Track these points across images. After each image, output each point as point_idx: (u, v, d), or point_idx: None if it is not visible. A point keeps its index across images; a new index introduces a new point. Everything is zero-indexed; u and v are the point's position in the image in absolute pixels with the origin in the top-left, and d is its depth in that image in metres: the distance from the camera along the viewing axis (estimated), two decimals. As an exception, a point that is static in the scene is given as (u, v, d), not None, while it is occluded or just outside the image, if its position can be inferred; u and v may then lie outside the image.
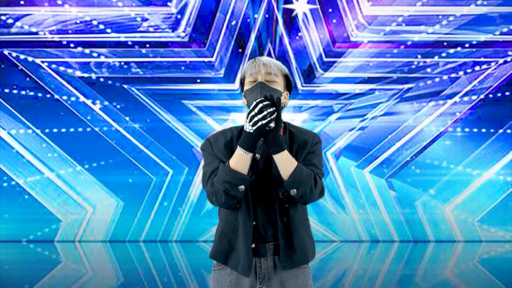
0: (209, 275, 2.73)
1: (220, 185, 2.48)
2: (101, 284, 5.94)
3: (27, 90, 7.89)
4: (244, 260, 2.55)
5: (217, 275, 2.63)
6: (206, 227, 7.96)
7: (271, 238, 2.59)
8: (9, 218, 7.93)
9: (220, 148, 2.59)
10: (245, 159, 2.46)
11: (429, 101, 7.98)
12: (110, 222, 7.97)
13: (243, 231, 2.55)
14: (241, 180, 2.47)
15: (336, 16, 7.92)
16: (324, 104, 8.01)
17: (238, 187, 2.47)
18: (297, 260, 2.59)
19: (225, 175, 2.47)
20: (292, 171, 2.47)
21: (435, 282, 5.96)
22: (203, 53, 7.93)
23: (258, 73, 2.58)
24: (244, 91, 2.61)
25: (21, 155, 7.91)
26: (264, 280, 2.59)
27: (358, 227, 8.00)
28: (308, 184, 2.50)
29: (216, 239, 2.64)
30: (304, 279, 2.64)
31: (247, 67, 2.63)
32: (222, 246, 2.61)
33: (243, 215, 2.56)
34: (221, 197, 2.50)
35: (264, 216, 2.59)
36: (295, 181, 2.47)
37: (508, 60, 7.90)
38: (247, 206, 2.56)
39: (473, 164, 7.97)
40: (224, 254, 2.60)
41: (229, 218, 2.61)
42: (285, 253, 2.57)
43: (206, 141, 2.65)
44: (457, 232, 7.97)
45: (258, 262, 2.58)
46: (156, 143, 7.98)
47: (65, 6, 7.81)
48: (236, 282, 2.59)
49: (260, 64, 2.59)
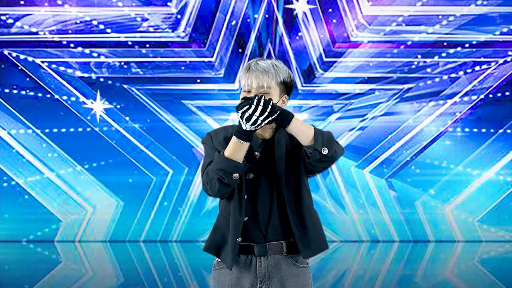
0: (209, 275, 2.74)
1: (214, 173, 2.48)
2: (101, 284, 5.95)
3: (27, 90, 7.89)
4: (229, 253, 2.56)
5: (218, 275, 2.64)
6: (206, 227, 7.95)
7: (273, 238, 2.59)
8: (9, 218, 7.92)
9: (219, 141, 2.59)
10: (240, 148, 2.46)
11: (429, 101, 7.98)
12: (110, 222, 7.97)
13: (233, 225, 2.56)
14: (235, 168, 2.46)
15: (336, 16, 7.92)
16: (324, 104, 8.01)
17: (232, 175, 2.46)
18: (315, 248, 2.60)
19: (219, 163, 2.47)
20: (313, 132, 2.46)
21: (435, 282, 5.97)
22: (203, 53, 7.93)
23: (250, 85, 2.55)
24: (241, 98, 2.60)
25: (21, 155, 7.91)
26: (265, 279, 2.59)
27: (358, 227, 8.00)
28: (332, 139, 2.49)
29: (211, 232, 2.66)
30: (305, 279, 2.64)
31: (242, 74, 2.59)
32: (216, 239, 2.63)
33: (234, 208, 2.56)
34: (215, 185, 2.50)
35: (266, 215, 2.59)
36: (322, 139, 2.46)
37: (508, 60, 7.90)
38: (240, 201, 2.56)
39: (473, 164, 7.97)
40: (216, 247, 2.62)
41: (224, 212, 2.62)
42: (302, 243, 2.57)
43: (207, 135, 2.66)
44: (457, 232, 7.97)
45: (258, 261, 2.58)
46: (156, 143, 7.98)
47: (65, 6, 7.80)
48: (236, 281, 2.59)
49: (252, 77, 2.54)
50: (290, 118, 2.43)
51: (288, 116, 2.43)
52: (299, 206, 2.59)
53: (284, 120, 2.43)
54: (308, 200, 2.62)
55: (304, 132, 2.46)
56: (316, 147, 2.45)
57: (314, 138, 2.46)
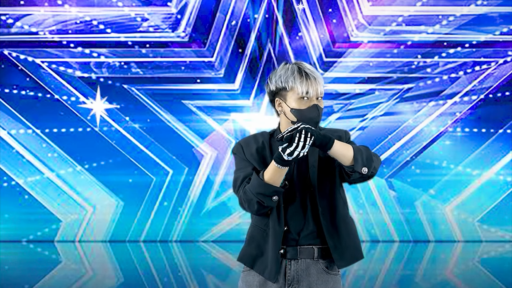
0: (209, 275, 2.74)
1: (253, 196, 2.46)
2: (101, 284, 5.95)
3: (27, 90, 7.89)
4: (271, 265, 2.53)
5: (246, 276, 2.62)
6: (206, 227, 7.96)
7: (304, 242, 2.56)
8: (9, 218, 7.92)
9: (252, 153, 2.57)
10: (280, 173, 2.44)
11: (429, 101, 7.98)
12: (110, 222, 7.97)
13: (273, 237, 2.53)
14: (274, 192, 2.45)
15: (336, 16, 7.92)
16: (324, 104, 8.00)
17: (271, 198, 2.46)
18: (350, 257, 2.58)
19: (258, 187, 2.45)
20: (353, 153, 2.44)
21: (435, 282, 5.97)
22: (203, 53, 7.93)
23: (313, 93, 2.52)
24: (294, 108, 2.53)
25: (21, 155, 7.91)
26: (293, 283, 2.56)
27: (358, 227, 7.99)
28: (371, 157, 2.47)
29: (245, 242, 2.63)
30: (334, 286, 2.60)
31: (297, 80, 2.51)
32: (251, 250, 2.59)
33: (273, 220, 2.54)
34: (253, 206, 2.49)
35: (301, 221, 2.56)
36: (361, 159, 2.44)
37: (508, 60, 7.90)
38: (278, 212, 2.54)
39: (473, 164, 7.97)
40: (251, 258, 2.59)
41: (259, 222, 2.59)
42: (336, 253, 2.55)
43: (238, 145, 2.62)
44: (457, 232, 7.97)
45: (288, 265, 2.56)
46: (156, 143, 7.98)
47: (65, 6, 7.80)
48: (264, 283, 2.57)
49: (316, 83, 2.52)
50: (331, 145, 2.41)
51: (329, 142, 2.41)
52: (333, 215, 2.56)
53: (325, 146, 2.41)
54: (343, 208, 2.59)
55: (344, 155, 2.44)
56: (356, 168, 2.44)
57: (353, 159, 2.44)
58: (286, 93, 2.54)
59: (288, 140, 2.34)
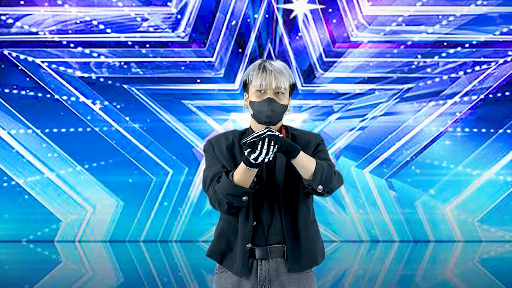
0: (209, 275, 2.74)
1: (223, 196, 2.47)
2: (101, 284, 5.95)
3: (27, 90, 7.89)
4: (239, 260, 2.54)
5: (219, 278, 2.62)
6: (206, 227, 7.96)
7: (274, 240, 2.57)
8: (9, 218, 7.92)
9: (222, 150, 2.57)
10: (249, 174, 2.45)
11: (429, 101, 7.98)
12: (110, 222, 7.97)
13: (242, 232, 2.54)
14: (244, 193, 2.46)
15: (336, 16, 7.92)
16: (324, 104, 8.01)
17: (241, 198, 2.47)
18: (305, 263, 2.57)
19: (228, 188, 2.46)
20: (314, 169, 2.45)
21: (435, 282, 5.97)
22: (203, 53, 7.93)
23: (268, 86, 2.52)
24: (251, 101, 2.56)
25: (21, 155, 7.91)
26: (265, 283, 2.57)
27: (358, 227, 8.00)
28: (331, 177, 2.48)
29: (214, 238, 2.63)
30: (307, 284, 2.60)
31: (255, 74, 2.54)
32: (220, 246, 2.60)
33: (243, 216, 2.55)
34: (223, 206, 2.50)
35: (269, 218, 2.57)
36: (320, 177, 2.45)
37: (508, 60, 7.90)
38: (247, 208, 2.55)
39: (473, 164, 7.97)
40: (220, 254, 2.60)
41: (229, 218, 2.60)
42: (292, 256, 2.55)
43: (208, 143, 2.63)
44: (457, 232, 7.97)
45: (259, 265, 2.57)
46: (156, 143, 7.98)
47: (65, 6, 7.81)
48: (237, 284, 2.58)
49: (272, 76, 2.51)
50: (296, 154, 2.43)
51: (294, 152, 2.42)
52: (294, 218, 2.57)
53: (290, 155, 2.43)
54: (305, 213, 2.58)
55: (305, 168, 2.45)
56: (312, 185, 2.45)
57: (312, 175, 2.45)
58: (249, 87, 2.58)
59: (251, 146, 2.35)
